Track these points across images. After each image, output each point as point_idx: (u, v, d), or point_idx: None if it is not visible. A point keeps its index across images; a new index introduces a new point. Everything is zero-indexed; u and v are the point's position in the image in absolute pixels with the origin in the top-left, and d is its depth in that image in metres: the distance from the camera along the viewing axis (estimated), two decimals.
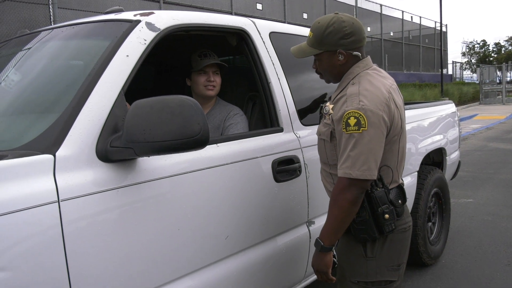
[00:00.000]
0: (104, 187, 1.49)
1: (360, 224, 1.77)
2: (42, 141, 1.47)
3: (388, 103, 1.71)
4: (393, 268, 1.85)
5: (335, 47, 1.81)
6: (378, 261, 1.82)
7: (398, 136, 1.80)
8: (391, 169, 1.82)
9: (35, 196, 1.32)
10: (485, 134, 12.27)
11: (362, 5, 22.44)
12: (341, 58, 1.82)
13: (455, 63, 37.75)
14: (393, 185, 1.84)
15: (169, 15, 1.97)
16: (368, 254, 1.82)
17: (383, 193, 1.77)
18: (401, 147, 1.84)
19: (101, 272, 1.47)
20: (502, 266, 3.59)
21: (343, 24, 1.79)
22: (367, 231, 1.77)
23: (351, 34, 1.79)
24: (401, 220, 1.84)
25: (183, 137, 1.41)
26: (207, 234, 1.84)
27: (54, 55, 2.03)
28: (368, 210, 1.75)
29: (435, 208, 3.79)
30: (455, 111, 4.28)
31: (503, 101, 25.19)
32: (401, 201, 1.84)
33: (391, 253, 1.84)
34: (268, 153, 2.13)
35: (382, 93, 1.72)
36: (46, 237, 1.33)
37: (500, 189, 6.02)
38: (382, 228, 1.76)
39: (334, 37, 1.79)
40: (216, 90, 2.47)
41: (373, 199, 1.75)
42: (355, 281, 1.85)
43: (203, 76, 2.42)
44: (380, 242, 1.81)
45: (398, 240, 1.85)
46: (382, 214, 1.74)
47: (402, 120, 1.82)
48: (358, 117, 1.66)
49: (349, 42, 1.80)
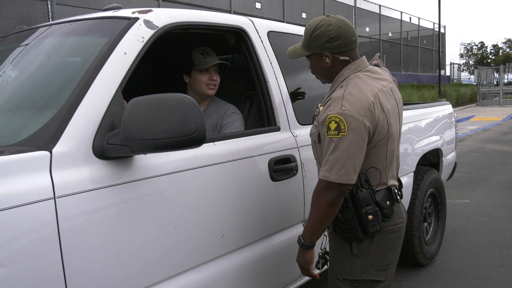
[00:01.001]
0: (101, 184, 1.49)
1: (345, 223, 1.80)
2: (38, 138, 1.47)
3: (371, 109, 1.71)
4: (380, 268, 1.85)
5: (321, 50, 1.84)
6: (364, 260, 1.83)
7: (385, 140, 1.80)
8: (379, 171, 1.82)
9: (31, 192, 1.32)
10: (482, 135, 12.31)
11: (361, 5, 22.46)
12: (328, 61, 1.85)
13: (453, 65, 37.83)
14: (381, 187, 1.85)
15: (168, 13, 1.97)
16: (355, 252, 1.84)
17: (368, 194, 1.78)
18: (389, 151, 1.84)
19: (97, 268, 1.47)
20: (497, 267, 3.60)
21: (328, 28, 1.80)
22: (351, 231, 1.80)
23: (337, 38, 1.80)
24: (389, 221, 1.85)
25: (180, 135, 1.41)
26: (203, 232, 1.84)
27: (51, 51, 2.02)
28: (352, 210, 1.78)
29: (431, 208, 3.80)
30: (452, 112, 4.29)
31: (500, 103, 25.26)
32: (389, 203, 1.84)
33: (378, 253, 1.84)
34: (265, 152, 2.13)
35: (367, 97, 1.72)
36: (42, 234, 1.33)
37: (496, 191, 6.04)
38: (366, 229, 1.78)
39: (320, 40, 1.82)
40: (216, 90, 2.47)
41: (357, 200, 1.77)
42: (341, 278, 1.87)
43: (205, 75, 2.42)
44: (367, 242, 1.83)
45: (386, 240, 1.85)
46: (366, 214, 1.77)
47: (389, 124, 1.79)
48: (339, 122, 1.68)
49: (335, 45, 1.81)
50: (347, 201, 1.78)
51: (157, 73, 3.38)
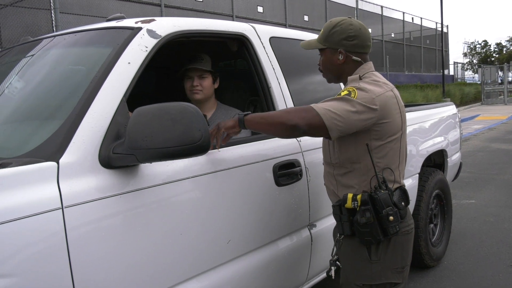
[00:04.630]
0: (107, 193, 1.51)
1: (365, 226, 1.77)
2: (45, 149, 1.49)
3: (384, 98, 1.79)
4: (397, 270, 1.87)
5: (337, 45, 1.90)
6: (382, 263, 1.84)
7: (399, 135, 1.87)
8: (392, 171, 1.86)
9: (39, 203, 1.34)
10: (487, 134, 12.27)
11: (363, 7, 22.47)
12: (341, 58, 1.90)
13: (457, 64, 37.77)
14: (395, 186, 1.88)
15: (170, 22, 1.99)
16: (373, 257, 1.83)
17: (387, 195, 1.78)
18: (402, 147, 1.90)
19: (105, 277, 1.49)
20: (505, 267, 3.59)
21: (349, 27, 1.89)
22: (371, 233, 1.78)
23: (355, 37, 1.88)
24: (404, 222, 1.86)
25: (185, 143, 1.43)
26: (209, 238, 1.85)
27: (56, 62, 2.05)
28: (373, 212, 1.76)
29: (437, 209, 3.79)
30: (456, 112, 4.29)
31: (505, 101, 25.16)
32: (404, 203, 1.86)
33: (395, 255, 1.85)
34: (269, 157, 2.14)
35: (383, 89, 1.82)
36: (51, 244, 1.35)
37: (502, 190, 6.02)
38: (387, 230, 1.77)
39: (339, 36, 1.89)
40: (204, 94, 2.49)
41: (377, 201, 1.76)
42: (360, 284, 1.86)
43: (188, 81, 2.48)
44: (384, 245, 1.83)
45: (401, 242, 1.87)
46: (387, 216, 1.76)
47: (403, 121, 1.89)
48: (351, 91, 1.76)
49: (351, 44, 1.89)
50: (366, 203, 1.76)
51: (162, 80, 3.41)
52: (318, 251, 2.40)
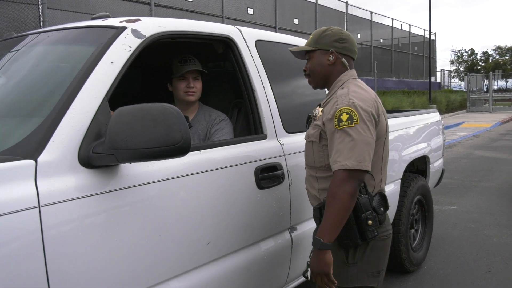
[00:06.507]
0: (86, 193, 1.50)
1: (344, 229, 1.79)
2: (24, 146, 1.47)
3: (374, 103, 1.86)
4: (373, 274, 1.90)
5: (328, 46, 1.96)
6: (359, 267, 1.87)
7: (383, 139, 1.91)
8: (373, 176, 1.88)
9: (16, 201, 1.33)
10: (471, 142, 12.43)
11: (353, 12, 22.60)
12: (331, 59, 1.96)
13: (444, 71, 38.20)
14: (376, 190, 1.91)
15: (155, 22, 1.99)
16: (350, 260, 1.87)
17: (367, 199, 1.82)
18: (385, 150, 1.95)
19: (81, 276, 1.48)
20: (483, 273, 3.64)
21: (340, 31, 2.00)
22: (350, 236, 1.81)
23: (345, 40, 1.97)
24: (382, 228, 1.89)
25: (165, 144, 1.43)
26: (189, 239, 1.85)
27: (39, 59, 2.03)
28: (352, 215, 1.79)
29: (418, 215, 3.84)
30: (439, 119, 4.35)
31: (489, 110, 25.50)
32: (383, 209, 1.88)
33: (372, 259, 1.88)
34: (251, 160, 2.15)
35: (370, 94, 1.88)
36: (26, 242, 1.34)
37: (484, 197, 6.11)
38: (365, 234, 1.80)
39: (330, 38, 1.97)
40: (197, 96, 2.49)
41: (356, 205, 1.78)
42: (337, 287, 1.88)
43: (183, 82, 2.45)
44: (361, 249, 1.86)
45: (379, 247, 1.90)
46: (366, 220, 1.79)
47: (387, 124, 1.95)
48: (350, 113, 1.77)
49: (342, 46, 1.96)
50: None
51: (147, 79, 3.40)
52: (298, 254, 2.41)
